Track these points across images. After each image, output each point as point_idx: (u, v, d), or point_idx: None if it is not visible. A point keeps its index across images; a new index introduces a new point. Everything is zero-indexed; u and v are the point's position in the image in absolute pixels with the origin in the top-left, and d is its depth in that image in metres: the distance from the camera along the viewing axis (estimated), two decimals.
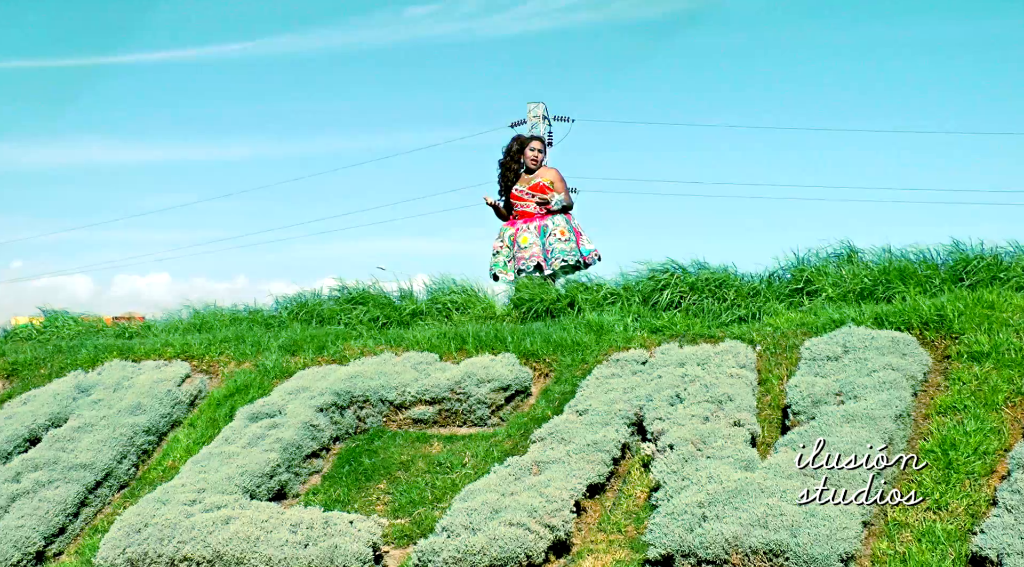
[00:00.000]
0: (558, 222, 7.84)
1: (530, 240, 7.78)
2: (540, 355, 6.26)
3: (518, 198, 7.97)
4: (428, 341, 6.63)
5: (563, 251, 7.75)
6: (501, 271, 7.87)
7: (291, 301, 8.18)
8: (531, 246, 7.76)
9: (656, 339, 6.15)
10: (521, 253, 7.78)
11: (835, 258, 6.82)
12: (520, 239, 7.82)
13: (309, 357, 6.79)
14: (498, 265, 7.90)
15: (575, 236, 7.88)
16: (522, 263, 7.77)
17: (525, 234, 7.83)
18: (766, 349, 5.74)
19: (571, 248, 7.79)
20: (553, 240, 7.78)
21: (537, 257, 7.72)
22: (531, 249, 7.75)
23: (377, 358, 6.45)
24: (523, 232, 7.84)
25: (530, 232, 7.81)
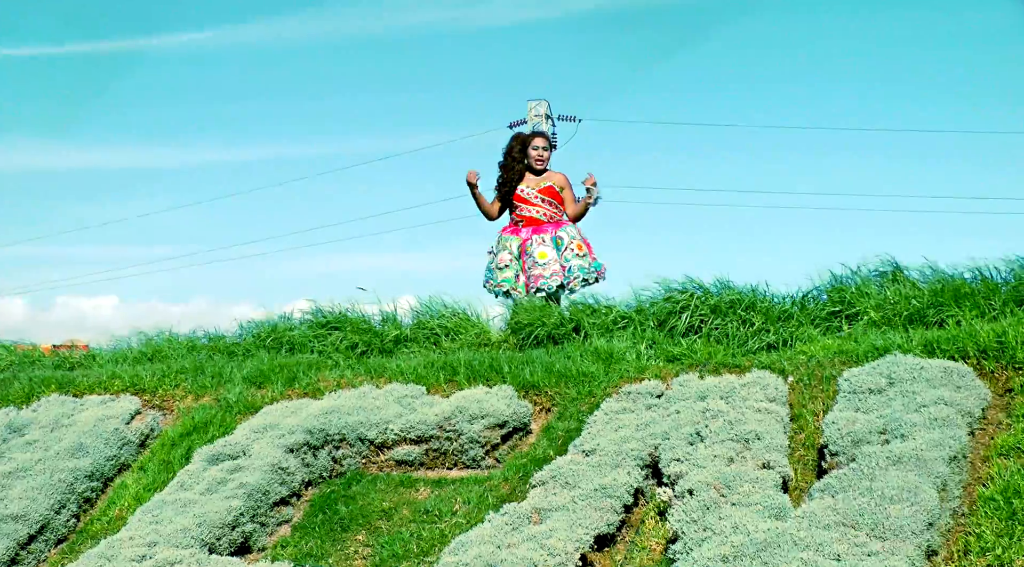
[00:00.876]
0: (573, 233, 7.85)
1: (549, 255, 7.75)
2: (541, 387, 6.25)
3: (524, 200, 7.94)
4: (414, 371, 6.63)
5: (582, 268, 7.75)
6: (513, 288, 7.79)
7: (258, 326, 8.19)
8: (552, 262, 7.73)
9: (673, 369, 6.13)
10: (540, 270, 7.73)
11: (878, 277, 6.83)
12: (537, 253, 7.78)
13: (278, 390, 6.79)
14: (510, 281, 7.80)
15: (588, 249, 7.91)
16: (541, 282, 7.70)
17: (542, 248, 7.80)
18: (799, 380, 5.73)
19: (588, 264, 7.80)
20: (570, 255, 7.78)
21: (560, 275, 7.70)
22: (552, 266, 7.72)
23: (356, 391, 6.45)
24: (538, 245, 7.81)
25: (546, 245, 7.80)
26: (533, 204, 7.92)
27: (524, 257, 7.82)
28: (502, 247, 7.89)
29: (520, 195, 7.94)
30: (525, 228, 7.91)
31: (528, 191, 7.92)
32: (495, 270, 7.88)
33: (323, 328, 7.88)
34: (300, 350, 7.75)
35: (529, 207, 7.92)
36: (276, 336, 7.96)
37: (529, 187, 7.94)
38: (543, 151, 7.98)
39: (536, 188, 7.92)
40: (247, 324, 8.27)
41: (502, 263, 7.85)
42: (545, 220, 7.88)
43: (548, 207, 7.90)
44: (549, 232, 7.83)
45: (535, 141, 8.00)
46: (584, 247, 7.82)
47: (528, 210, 7.92)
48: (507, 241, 7.90)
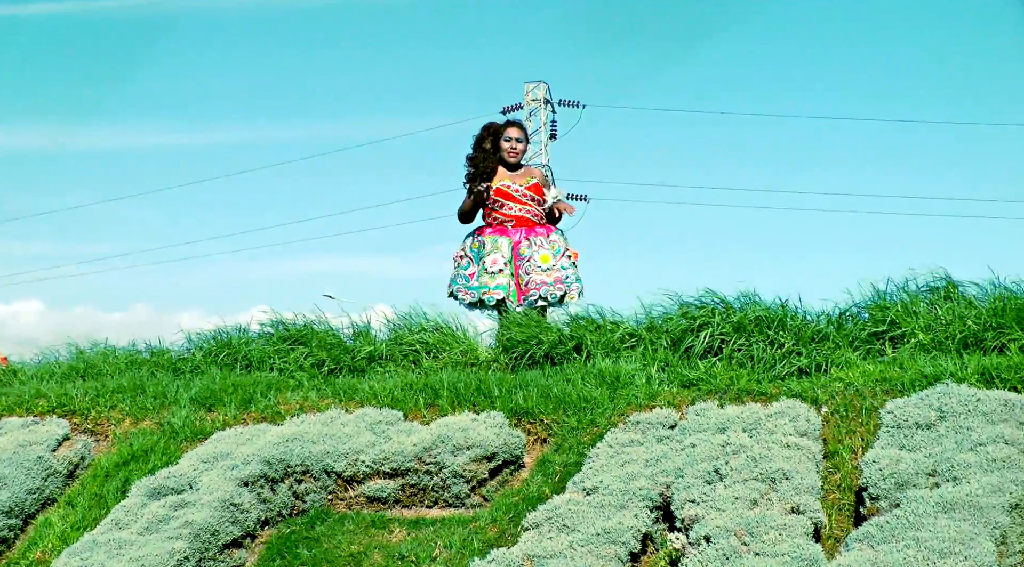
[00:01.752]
0: (564, 238, 7.90)
1: (552, 260, 7.75)
2: (536, 414, 6.25)
3: (511, 197, 7.91)
4: (389, 394, 6.62)
5: (579, 279, 7.81)
6: (497, 293, 7.72)
7: (208, 339, 8.18)
8: (553, 268, 7.74)
9: (689, 396, 6.12)
10: (542, 276, 7.71)
11: (928, 293, 6.83)
12: (539, 256, 7.75)
13: (231, 413, 6.78)
14: (504, 288, 7.75)
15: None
16: (544, 289, 7.68)
17: (544, 251, 7.78)
18: (834, 412, 5.73)
19: (577, 276, 7.86)
20: (567, 263, 7.81)
21: (562, 283, 7.71)
22: (555, 272, 7.73)
23: (322, 416, 6.44)
24: (538, 247, 7.79)
25: (547, 249, 7.79)
26: (522, 202, 7.89)
27: (518, 261, 7.78)
28: (493, 248, 7.81)
29: (505, 191, 7.90)
30: (516, 229, 7.88)
31: (515, 186, 7.90)
32: (485, 275, 7.80)
33: (285, 342, 7.87)
34: (258, 367, 7.73)
35: (518, 206, 7.89)
36: (230, 351, 7.94)
37: (516, 183, 7.92)
38: (517, 143, 7.95)
39: (525, 184, 7.90)
40: (196, 336, 8.27)
41: (494, 267, 7.78)
42: (536, 221, 7.88)
43: (536, 206, 7.90)
44: (546, 235, 7.83)
45: (509, 131, 7.98)
46: (576, 255, 7.87)
47: (516, 209, 7.89)
48: (497, 242, 7.83)
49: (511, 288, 7.76)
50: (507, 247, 7.81)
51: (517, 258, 7.80)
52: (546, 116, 27.83)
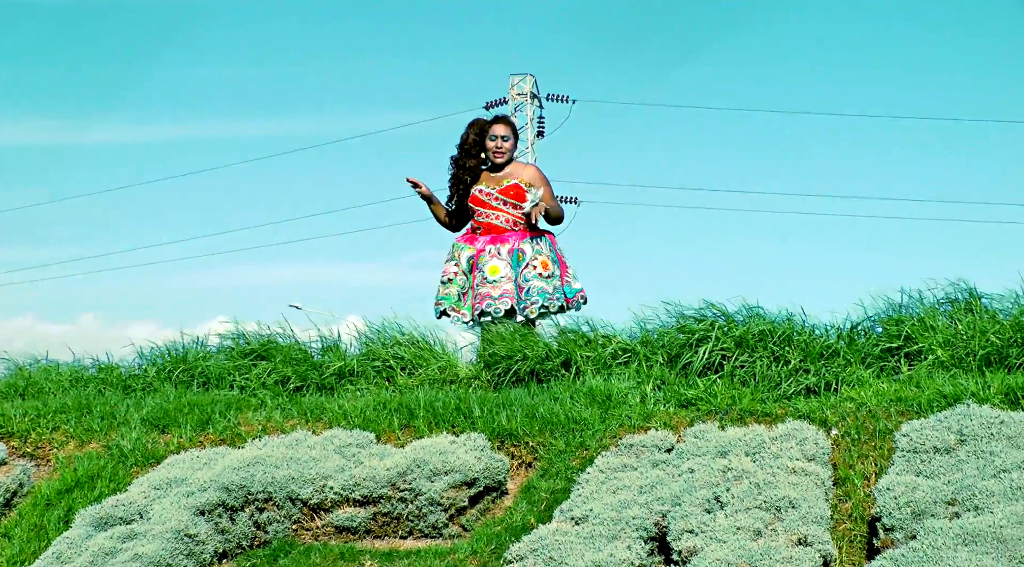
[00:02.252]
0: (540, 247, 7.76)
1: (501, 271, 7.70)
2: (521, 436, 6.24)
3: (481, 203, 7.89)
4: (360, 414, 6.61)
5: (543, 292, 7.63)
6: (453, 308, 7.78)
7: (162, 353, 8.16)
8: (502, 280, 7.68)
9: (687, 416, 6.13)
10: (487, 288, 7.69)
11: (948, 305, 6.84)
12: (488, 268, 7.74)
13: (187, 435, 6.76)
14: (449, 299, 7.80)
15: (560, 269, 7.82)
16: (487, 303, 7.66)
17: (495, 261, 7.74)
18: (845, 434, 5.73)
19: (554, 288, 7.70)
20: (531, 273, 7.69)
21: (510, 297, 7.65)
22: (503, 285, 7.68)
23: (286, 438, 6.42)
24: (491, 257, 7.77)
25: (500, 258, 7.74)
26: (492, 208, 7.85)
27: (476, 272, 7.80)
28: (451, 256, 7.89)
29: (477, 196, 7.89)
30: (483, 236, 7.88)
31: (487, 191, 7.87)
32: (439, 284, 7.88)
33: (246, 357, 7.86)
34: (216, 385, 7.72)
35: (488, 211, 7.86)
36: (186, 367, 7.92)
37: (489, 186, 7.88)
38: (503, 141, 7.89)
39: (497, 187, 7.86)
40: (148, 350, 8.25)
41: (444, 276, 7.84)
42: (508, 228, 7.83)
43: (512, 211, 7.83)
44: (510, 243, 7.78)
45: (495, 128, 7.93)
46: (551, 266, 7.74)
47: (487, 215, 7.86)
48: (459, 249, 7.88)
49: (464, 300, 7.78)
50: (466, 256, 7.82)
51: (475, 269, 7.81)
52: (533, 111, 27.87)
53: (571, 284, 7.83)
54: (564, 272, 7.83)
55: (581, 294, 7.84)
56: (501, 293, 7.66)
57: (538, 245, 7.77)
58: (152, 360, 8.13)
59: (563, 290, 7.76)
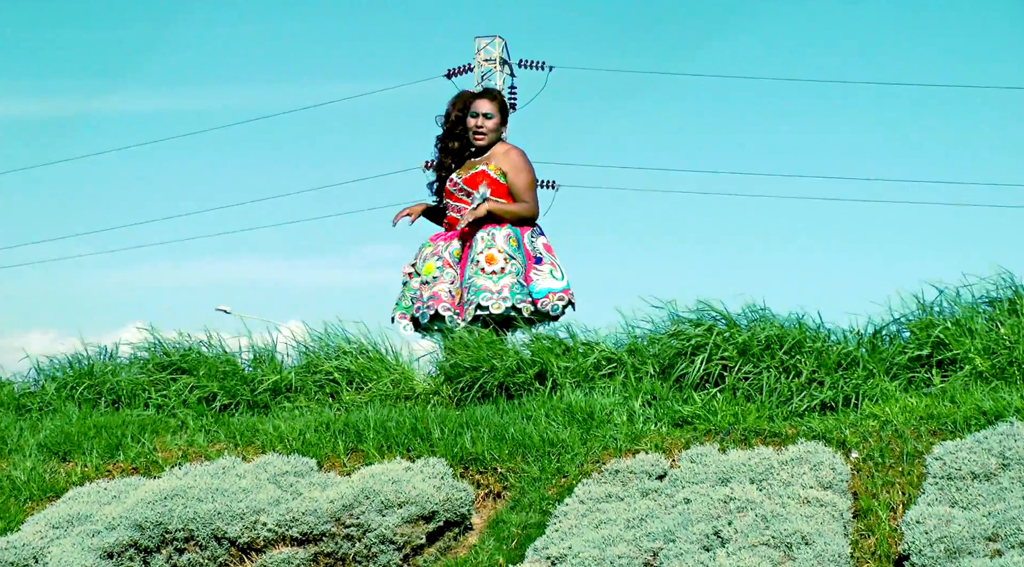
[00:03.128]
0: (492, 238, 7.66)
1: (435, 270, 7.74)
2: (488, 462, 6.24)
3: (449, 194, 7.95)
4: (299, 436, 6.59)
5: (482, 291, 7.53)
6: (401, 314, 7.90)
7: (63, 367, 8.13)
8: (436, 281, 7.73)
9: (682, 437, 6.13)
10: (421, 290, 7.81)
11: (987, 305, 6.85)
12: (424, 267, 7.81)
13: (93, 464, 6.71)
14: (400, 305, 7.94)
15: (523, 262, 7.70)
16: (417, 307, 7.80)
17: (431, 259, 7.79)
18: (867, 458, 5.73)
19: (504, 287, 7.57)
20: (472, 269, 7.65)
21: (439, 300, 7.67)
22: (435, 286, 7.72)
23: (212, 465, 6.40)
24: (432, 256, 7.82)
25: (440, 257, 7.77)
26: (457, 199, 7.86)
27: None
28: (415, 256, 7.97)
29: (447, 186, 7.94)
30: (446, 232, 7.96)
31: (454, 180, 7.88)
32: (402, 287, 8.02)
33: (164, 370, 7.82)
34: (129, 403, 7.67)
35: (455, 204, 7.89)
36: (92, 382, 7.88)
37: (459, 175, 7.88)
38: (485, 119, 7.85)
39: (465, 174, 7.84)
40: (47, 363, 8.20)
41: (402, 277, 7.98)
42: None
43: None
44: (455, 237, 7.81)
45: (477, 103, 7.90)
46: (498, 260, 7.60)
47: (453, 208, 7.90)
48: (422, 248, 7.96)
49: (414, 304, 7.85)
50: (424, 255, 7.88)
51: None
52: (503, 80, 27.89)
53: (539, 282, 7.67)
54: (530, 267, 7.71)
55: (558, 296, 7.68)
56: (430, 295, 7.71)
57: (490, 237, 7.68)
58: (51, 375, 8.09)
59: (526, 289, 7.64)
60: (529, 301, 7.63)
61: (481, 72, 27.24)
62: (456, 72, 26.99)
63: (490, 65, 27.38)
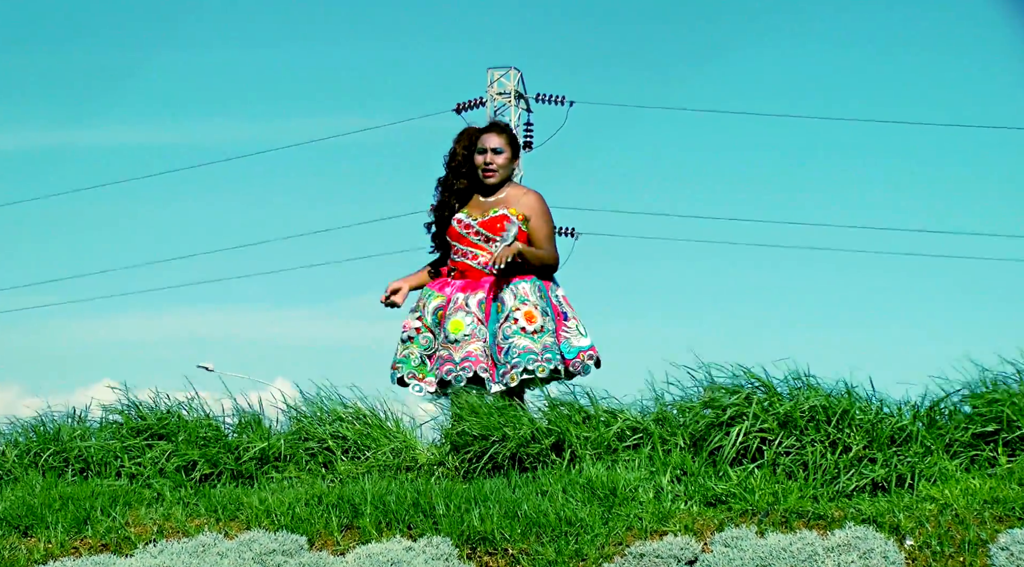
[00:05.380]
0: (524, 292, 7.72)
1: (466, 327, 7.69)
2: (498, 542, 6.22)
3: (459, 237, 7.91)
4: (288, 511, 6.57)
5: (527, 353, 7.60)
6: (413, 374, 7.82)
7: (26, 430, 8.10)
8: (469, 339, 7.68)
9: (715, 518, 6.12)
10: (448, 350, 7.71)
11: None
12: (450, 323, 7.74)
13: (58, 539, 6.68)
14: (408, 363, 7.83)
15: (555, 322, 7.79)
16: (446, 370, 7.68)
17: (459, 315, 7.73)
18: (923, 546, 5.71)
19: (544, 346, 7.66)
20: (511, 329, 7.67)
21: (476, 361, 7.64)
22: (468, 345, 7.67)
23: (190, 542, 6.38)
24: (456, 310, 7.77)
25: (468, 311, 7.74)
26: (471, 244, 7.88)
27: (440, 327, 7.83)
28: (416, 306, 7.93)
29: (454, 228, 7.90)
30: (456, 281, 7.91)
31: (466, 221, 7.89)
32: (398, 342, 7.93)
33: (139, 435, 7.79)
34: (99, 472, 7.64)
35: (465, 248, 7.89)
36: (58, 448, 7.84)
37: (470, 216, 7.90)
38: (494, 154, 7.90)
39: (480, 217, 7.88)
40: (8, 426, 8.17)
41: (405, 332, 7.89)
42: (488, 271, 7.81)
43: (494, 250, 7.81)
44: (484, 291, 7.79)
45: (485, 138, 7.93)
46: (538, 318, 7.68)
47: (463, 253, 7.90)
48: (425, 298, 7.92)
49: (430, 365, 7.81)
50: (432, 307, 7.86)
51: (443, 322, 7.83)
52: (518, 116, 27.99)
53: (571, 341, 7.76)
54: (561, 325, 7.79)
55: (588, 354, 7.77)
56: (464, 356, 7.65)
57: (521, 291, 7.73)
58: (12, 439, 8.06)
59: (559, 349, 7.72)
60: (561, 364, 7.70)
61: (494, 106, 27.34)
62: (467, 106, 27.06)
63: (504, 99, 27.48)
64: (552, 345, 7.69)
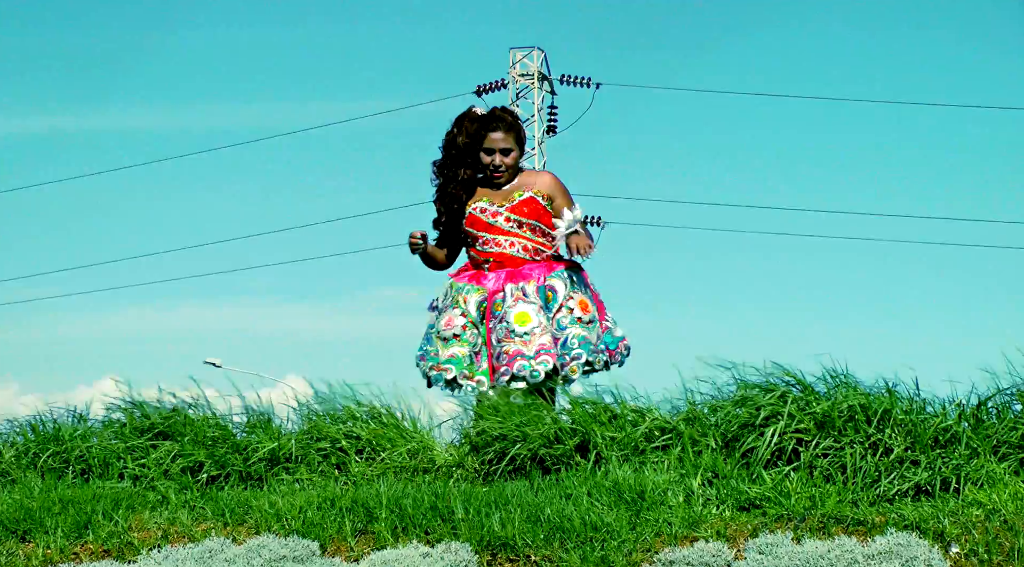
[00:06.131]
0: (571, 281, 7.81)
1: (533, 319, 7.70)
2: (520, 548, 6.21)
3: (486, 226, 7.93)
4: (300, 515, 6.58)
5: (586, 343, 7.69)
6: (465, 375, 7.81)
7: (24, 430, 8.13)
8: (537, 331, 7.69)
9: (749, 523, 6.12)
10: (516, 344, 7.70)
11: None
12: (514, 316, 7.73)
13: (58, 545, 6.69)
14: (459, 363, 7.81)
15: (598, 311, 7.89)
16: (520, 365, 7.66)
17: (522, 306, 7.75)
18: (970, 553, 5.70)
19: (597, 336, 7.76)
20: (567, 318, 7.74)
21: (550, 354, 7.66)
22: (539, 337, 7.68)
23: (197, 548, 6.40)
24: (516, 301, 7.78)
25: (528, 301, 7.76)
26: (504, 232, 7.90)
27: (490, 321, 7.82)
28: (452, 302, 7.90)
29: (479, 218, 7.93)
30: (493, 272, 7.92)
31: (493, 209, 7.92)
32: (437, 341, 7.88)
33: (143, 435, 7.81)
34: (101, 473, 7.66)
35: (498, 237, 7.92)
36: (58, 448, 7.86)
37: (493, 202, 7.93)
38: (502, 156, 7.94)
39: (507, 203, 7.91)
40: (6, 425, 8.21)
41: (448, 330, 7.84)
42: (527, 258, 7.87)
43: (530, 235, 7.89)
44: (535, 278, 7.82)
45: (492, 138, 7.94)
46: (591, 307, 7.80)
47: (495, 243, 7.93)
48: (463, 292, 7.90)
49: (476, 363, 7.81)
50: (475, 302, 7.86)
51: (490, 317, 7.83)
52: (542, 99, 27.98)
53: (612, 331, 7.87)
54: (603, 315, 7.90)
55: (624, 343, 7.92)
56: (537, 349, 7.66)
57: (566, 277, 7.81)
58: (10, 439, 8.09)
59: (604, 339, 7.83)
60: (607, 354, 7.83)
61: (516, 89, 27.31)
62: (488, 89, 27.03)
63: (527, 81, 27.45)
64: (601, 336, 7.82)
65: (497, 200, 7.92)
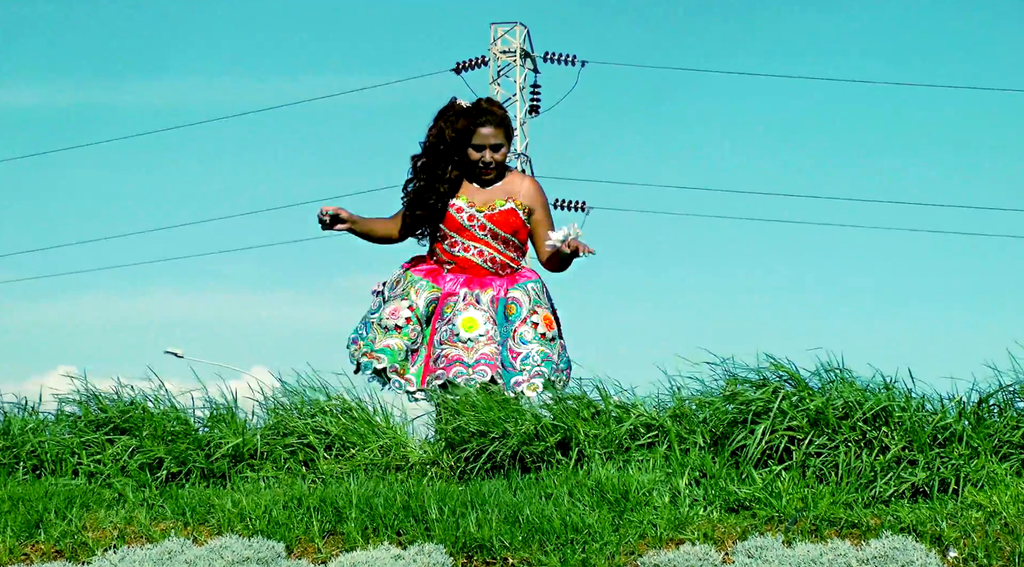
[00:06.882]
0: (538, 294, 7.89)
1: (480, 326, 7.76)
2: (497, 550, 6.22)
3: (460, 228, 7.95)
4: (265, 514, 6.59)
5: (549, 361, 7.78)
6: (395, 369, 7.86)
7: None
8: (483, 340, 7.75)
9: (738, 525, 6.14)
10: (457, 350, 7.76)
11: None
12: (461, 320, 7.80)
13: (6, 545, 6.67)
14: (392, 355, 7.86)
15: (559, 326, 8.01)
16: (455, 371, 7.72)
17: (472, 312, 7.81)
18: (969, 558, 5.72)
19: (559, 355, 7.86)
20: (529, 332, 7.80)
21: (490, 365, 7.73)
22: (481, 346, 7.74)
23: (155, 549, 6.40)
24: (467, 306, 7.84)
25: (479, 308, 7.82)
26: (475, 238, 7.92)
27: (437, 322, 7.88)
28: (403, 292, 7.94)
29: (456, 219, 7.92)
30: (453, 275, 7.96)
31: (470, 213, 7.92)
32: (376, 328, 7.93)
33: (99, 430, 7.80)
34: (53, 470, 7.67)
35: (468, 242, 7.93)
36: (8, 443, 7.86)
37: (473, 206, 7.93)
38: (492, 153, 7.93)
39: (487, 210, 7.91)
40: None
41: (391, 320, 7.88)
42: (490, 269, 7.92)
43: (501, 248, 7.92)
44: (495, 289, 7.88)
45: (482, 133, 7.89)
46: (553, 323, 7.90)
47: (464, 247, 7.94)
48: (416, 286, 7.95)
49: (411, 360, 7.86)
50: (427, 299, 7.91)
51: (437, 318, 7.89)
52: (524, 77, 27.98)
53: (566, 351, 7.98)
54: (560, 333, 8.00)
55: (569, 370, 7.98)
56: (478, 358, 7.71)
57: (534, 291, 7.88)
58: None
59: (563, 359, 7.92)
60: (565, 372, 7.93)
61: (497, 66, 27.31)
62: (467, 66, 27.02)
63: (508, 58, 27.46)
64: (561, 354, 7.91)
65: (477, 202, 7.92)
